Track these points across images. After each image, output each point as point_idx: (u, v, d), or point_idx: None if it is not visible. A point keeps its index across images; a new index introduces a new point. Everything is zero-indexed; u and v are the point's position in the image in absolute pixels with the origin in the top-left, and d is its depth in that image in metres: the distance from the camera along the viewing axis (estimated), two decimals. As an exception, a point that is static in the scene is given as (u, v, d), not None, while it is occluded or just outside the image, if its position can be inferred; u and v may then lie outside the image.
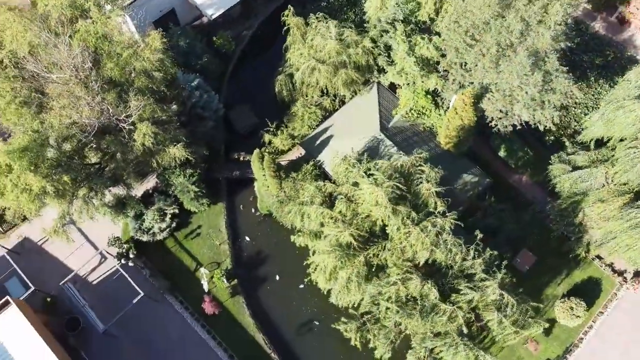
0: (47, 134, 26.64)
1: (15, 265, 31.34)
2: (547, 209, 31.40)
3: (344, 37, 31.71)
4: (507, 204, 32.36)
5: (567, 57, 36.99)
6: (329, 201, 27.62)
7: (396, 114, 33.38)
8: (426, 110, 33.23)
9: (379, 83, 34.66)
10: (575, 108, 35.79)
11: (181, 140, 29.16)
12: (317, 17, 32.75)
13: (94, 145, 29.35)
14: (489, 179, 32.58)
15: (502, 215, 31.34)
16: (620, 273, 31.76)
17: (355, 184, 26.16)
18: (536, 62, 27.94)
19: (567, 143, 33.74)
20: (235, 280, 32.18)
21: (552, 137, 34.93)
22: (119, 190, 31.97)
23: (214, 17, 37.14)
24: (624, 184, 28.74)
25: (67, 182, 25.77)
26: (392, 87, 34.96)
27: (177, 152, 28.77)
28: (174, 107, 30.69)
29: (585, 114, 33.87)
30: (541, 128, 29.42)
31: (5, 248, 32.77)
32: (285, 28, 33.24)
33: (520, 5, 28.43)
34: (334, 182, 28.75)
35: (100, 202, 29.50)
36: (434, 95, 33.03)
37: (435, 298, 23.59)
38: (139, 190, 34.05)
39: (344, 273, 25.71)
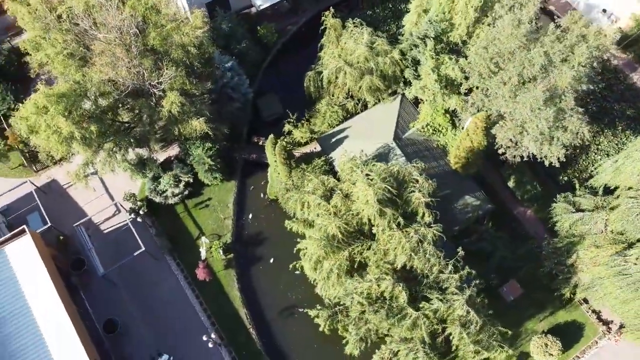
0: (87, 86, 29.21)
1: (38, 202, 34.12)
2: (543, 244, 31.65)
3: (375, 45, 33.07)
4: (505, 233, 32.90)
5: (597, 101, 37.24)
6: (329, 195, 28.97)
7: (413, 126, 34.42)
8: (442, 128, 34.14)
9: (403, 95, 35.82)
10: (595, 154, 35.90)
11: (204, 114, 31.24)
12: (354, 22, 34.21)
13: (127, 106, 31.89)
14: (491, 205, 33.12)
15: (496, 243, 31.90)
16: (606, 323, 31.61)
17: (355, 183, 27.44)
18: (552, 98, 28.48)
19: (577, 185, 33.89)
20: (232, 254, 33.95)
21: (566, 178, 35.16)
22: (142, 152, 34.42)
23: (261, 7, 39.32)
24: (621, 234, 28.81)
25: (94, 132, 28.12)
26: (417, 101, 36.04)
27: (198, 124, 30.85)
28: (208, 85, 32.82)
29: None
30: (546, 163, 29.87)
31: (35, 185, 35.71)
32: (322, 27, 34.85)
33: (547, 41, 29.06)
34: (338, 179, 30.10)
35: (123, 158, 31.86)
36: (452, 115, 33.91)
37: (404, 301, 24.53)
38: (161, 155, 36.46)
39: (327, 264, 27.07)
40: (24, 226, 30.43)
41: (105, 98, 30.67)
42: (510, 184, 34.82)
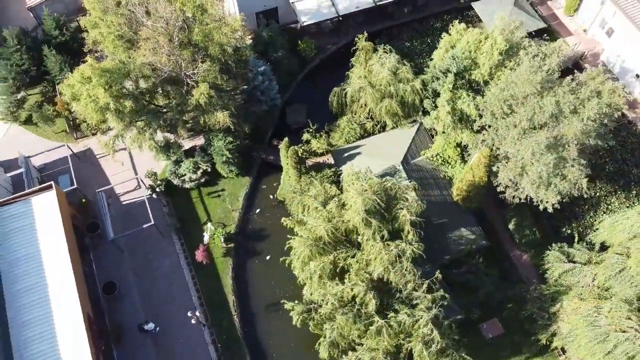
0: (130, 67, 32.30)
1: (71, 165, 37.38)
2: (530, 288, 31.98)
3: (399, 72, 34.87)
4: (495, 272, 33.39)
5: (616, 163, 37.52)
6: (329, 202, 30.58)
7: (424, 154, 35.75)
8: (452, 160, 35.29)
9: (421, 124, 37.28)
10: (604, 213, 36.07)
11: (229, 109, 33.74)
12: (384, 48, 36.20)
13: (163, 92, 34.85)
14: (485, 241, 33.79)
15: (483, 278, 32.48)
16: (582, 377, 31.32)
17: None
18: (555, 145, 29.28)
19: (577, 238, 34.10)
20: (233, 244, 35.93)
21: (569, 231, 35.47)
22: (170, 136, 37.27)
23: (304, 24, 42.00)
24: (606, 290, 28.93)
25: (127, 107, 31.04)
26: (434, 133, 37.36)
27: (221, 117, 33.39)
28: (241, 84, 35.50)
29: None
30: (541, 207, 30.51)
31: (71, 150, 39.11)
32: (354, 48, 37.01)
33: (560, 91, 30.04)
34: (342, 191, 31.70)
35: (150, 137, 34.63)
36: (463, 150, 35.05)
37: (372, 309, 25.65)
38: (187, 144, 39.23)
39: (313, 265, 28.55)
40: (52, 182, 33.51)
41: (145, 81, 33.78)
42: (511, 226, 35.37)
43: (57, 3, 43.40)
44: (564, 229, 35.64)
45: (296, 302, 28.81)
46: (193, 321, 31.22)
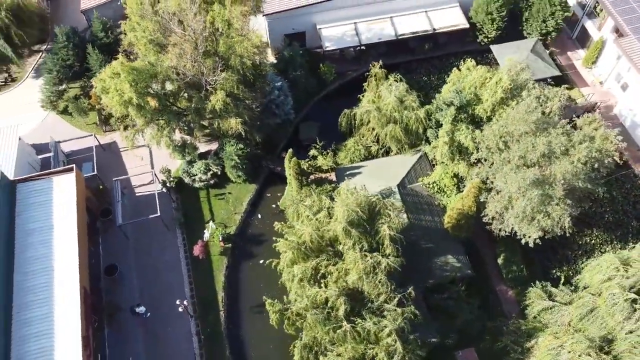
0: (157, 69, 35.34)
1: (94, 154, 40.51)
2: (509, 322, 32.41)
3: (405, 100, 36.69)
4: (476, 301, 33.99)
5: (616, 213, 37.85)
6: (320, 212, 32.23)
7: (421, 181, 37.11)
8: (447, 190, 36.48)
9: (424, 153, 38.74)
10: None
11: (242, 117, 36.22)
12: (395, 77, 38.18)
13: (185, 95, 37.70)
14: (470, 271, 34.52)
15: (463, 306, 33.14)
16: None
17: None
18: (542, 183, 30.21)
19: (563, 280, 34.41)
20: (230, 245, 37.87)
21: (558, 273, 35.85)
22: (187, 138, 39.99)
23: (327, 49, 44.62)
24: (580, 330, 29.18)
25: (148, 103, 33.90)
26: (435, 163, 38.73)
27: (234, 123, 35.86)
28: (258, 96, 38.10)
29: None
30: (523, 242, 31.23)
31: (97, 141, 42.34)
32: (367, 74, 39.16)
33: (554, 132, 31.15)
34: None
35: (168, 135, 37.31)
36: (459, 180, 36.23)
37: (342, 314, 26.87)
38: (204, 147, 41.84)
39: (296, 268, 30.09)
40: (73, 165, 36.51)
41: (171, 83, 36.78)
42: (500, 260, 36.02)
43: (107, 8, 47.55)
44: (554, 271, 36.05)
45: (276, 300, 30.24)
46: (180, 309, 33.05)
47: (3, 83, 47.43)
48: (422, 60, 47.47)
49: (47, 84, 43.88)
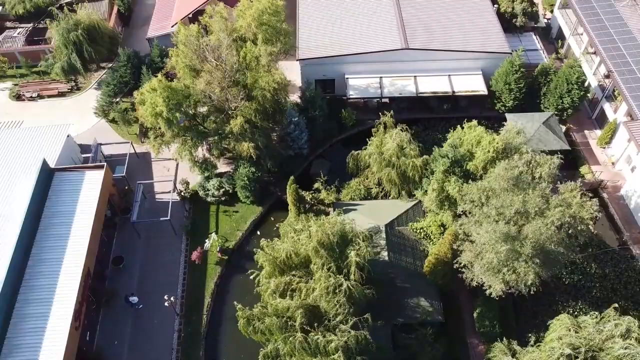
0: (190, 91, 40.31)
1: (127, 159, 45.57)
2: (470, 374, 33.09)
3: (405, 148, 39.44)
4: (441, 348, 34.84)
5: (605, 290, 38.09)
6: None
7: (410, 226, 39.12)
8: (433, 237, 38.25)
9: (420, 201, 40.89)
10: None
11: (256, 143, 40.22)
12: (401, 126, 41.14)
13: (212, 118, 42.34)
14: (441, 317, 35.64)
15: (426, 349, 34.14)
16: None
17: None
18: (513, 238, 31.58)
19: (533, 341, 34.68)
20: (226, 257, 41.06)
21: (532, 335, 36.12)
22: (209, 156, 44.37)
23: (350, 96, 48.51)
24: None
25: (176, 118, 38.50)
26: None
27: (246, 147, 39.90)
28: (279, 131, 42.28)
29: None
30: (487, 293, 32.31)
31: (134, 149, 47.62)
32: (378, 122, 42.39)
33: (531, 192, 32.73)
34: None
35: (189, 149, 41.71)
36: (445, 229, 37.93)
37: (298, 324, 28.99)
38: (223, 168, 45.99)
39: (272, 282, 32.73)
40: (105, 164, 41.56)
41: (202, 106, 41.64)
42: (475, 313, 36.86)
43: (166, 38, 54.00)
44: (529, 335, 36.28)
45: (247, 307, 32.72)
46: (166, 304, 36.16)
47: (69, 90, 54.48)
48: (441, 119, 50.14)
49: (103, 95, 50.23)
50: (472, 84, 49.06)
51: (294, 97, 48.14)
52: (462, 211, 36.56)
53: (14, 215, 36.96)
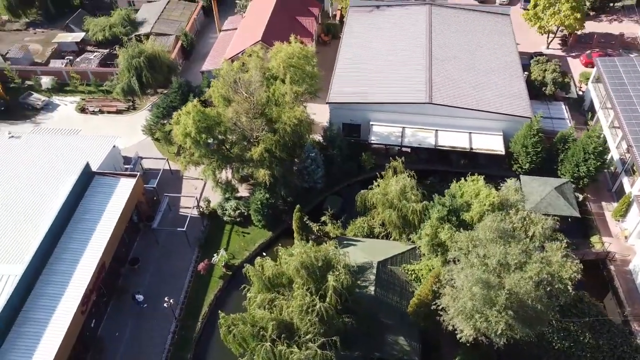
0: (221, 119, 44.82)
1: (160, 174, 50.47)
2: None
3: (407, 192, 41.52)
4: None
5: (589, 350, 37.66)
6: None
7: (402, 267, 40.61)
8: (423, 280, 39.44)
9: (418, 246, 42.44)
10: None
11: (272, 171, 43.74)
12: (408, 172, 43.35)
13: (239, 145, 46.51)
14: (417, 358, 36.40)
15: (397, 385, 35.06)
16: None
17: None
18: (489, 286, 32.50)
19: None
20: (230, 273, 44.06)
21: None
22: (231, 178, 48.33)
23: (372, 142, 51.48)
24: None
25: (203, 139, 42.80)
26: (427, 257, 42.11)
27: (262, 173, 43.49)
28: (297, 164, 45.79)
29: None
30: (458, 337, 33.06)
31: (169, 166, 52.49)
32: (388, 166, 44.85)
33: (514, 246, 33.75)
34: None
35: (213, 170, 45.75)
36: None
37: (268, 335, 31.18)
38: (244, 192, 49.70)
39: (259, 297, 35.32)
40: (138, 173, 46.41)
41: (231, 134, 45.99)
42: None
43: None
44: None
45: (232, 315, 35.24)
46: (165, 305, 39.36)
47: (126, 109, 61.04)
48: (458, 173, 51.32)
49: (152, 116, 56.00)
50: (491, 143, 50.69)
51: (318, 136, 51.64)
52: (451, 258, 37.86)
53: (50, 209, 42.00)
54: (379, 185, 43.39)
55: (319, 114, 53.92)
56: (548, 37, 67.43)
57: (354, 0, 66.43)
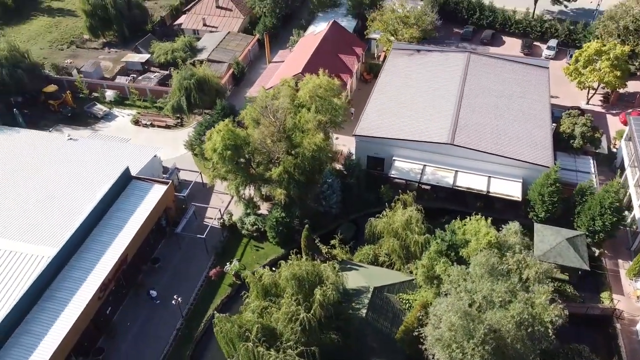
0: (249, 139, 48.71)
1: (191, 185, 54.88)
2: None
3: (411, 223, 43.16)
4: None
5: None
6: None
7: (398, 295, 41.93)
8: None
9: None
10: None
11: (288, 191, 46.81)
12: (416, 206, 45.03)
13: (263, 165, 50.11)
14: (396, 386, 37.39)
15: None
16: None
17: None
18: (470, 318, 33.41)
19: None
20: (239, 282, 46.94)
21: None
22: (254, 195, 51.83)
23: (391, 176, 53.55)
24: None
25: (228, 156, 46.65)
26: (426, 289, 43.22)
27: (279, 193, 46.64)
28: (315, 188, 48.82)
29: None
30: (432, 364, 33.94)
31: (202, 179, 56.79)
32: (397, 198, 46.75)
33: (501, 284, 34.59)
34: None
35: (237, 186, 49.37)
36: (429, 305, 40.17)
37: (252, 336, 33.52)
38: (264, 210, 52.96)
39: (253, 304, 37.91)
40: (170, 181, 50.89)
41: (258, 155, 49.75)
42: (437, 393, 37.84)
43: (258, 99, 64.55)
44: None
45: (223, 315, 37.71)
46: (173, 302, 42.67)
47: (174, 125, 66.66)
48: (473, 213, 52.52)
49: (194, 133, 60.99)
50: (508, 189, 51.40)
51: (340, 166, 54.51)
52: (444, 291, 38.93)
53: (89, 204, 46.93)
54: (386, 215, 45.32)
55: (350, 145, 57.00)
56: (588, 93, 67.50)
57: (397, 43, 69.93)
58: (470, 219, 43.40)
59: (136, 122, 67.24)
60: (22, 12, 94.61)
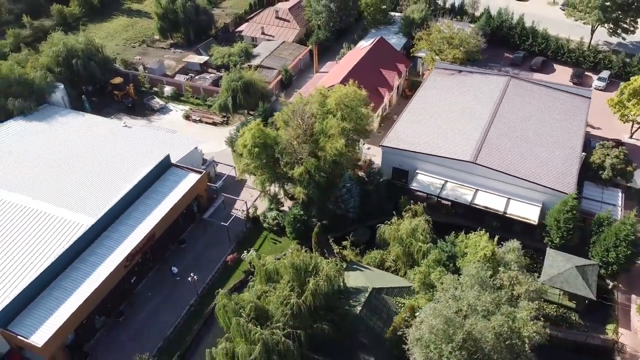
0: (278, 140, 52.32)
1: (224, 178, 59.22)
2: None
3: (417, 231, 44.89)
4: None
5: None
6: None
7: (396, 299, 43.69)
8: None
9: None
10: None
11: (307, 190, 49.90)
12: (425, 217, 46.70)
13: (289, 165, 53.50)
14: (381, 387, 39.07)
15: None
16: None
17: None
18: (451, 324, 34.76)
19: None
20: (253, 269, 50.23)
21: None
22: (279, 192, 55.32)
23: (412, 188, 55.31)
24: None
25: (256, 152, 50.44)
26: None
27: (299, 191, 49.82)
28: (333, 191, 51.66)
29: None
30: (410, 363, 35.48)
31: (236, 174, 61.04)
32: (408, 208, 48.58)
33: (487, 295, 35.75)
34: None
35: (262, 182, 53.04)
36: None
37: (245, 314, 36.64)
38: (287, 206, 56.25)
39: (257, 287, 41.11)
40: (203, 171, 55.42)
41: (286, 155, 53.29)
42: (418, 396, 39.21)
43: (298, 105, 68.24)
44: None
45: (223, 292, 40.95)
46: (189, 279, 46.70)
47: (220, 122, 71.71)
48: (490, 235, 53.16)
49: (235, 131, 65.53)
50: (526, 212, 51.78)
51: (362, 173, 57.00)
52: (436, 298, 40.37)
53: (129, 183, 52.19)
54: (395, 222, 47.31)
55: (379, 155, 59.41)
56: (632, 127, 66.07)
57: (440, 62, 71.66)
58: (473, 233, 44.51)
59: (187, 117, 72.88)
60: (105, 11, 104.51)
